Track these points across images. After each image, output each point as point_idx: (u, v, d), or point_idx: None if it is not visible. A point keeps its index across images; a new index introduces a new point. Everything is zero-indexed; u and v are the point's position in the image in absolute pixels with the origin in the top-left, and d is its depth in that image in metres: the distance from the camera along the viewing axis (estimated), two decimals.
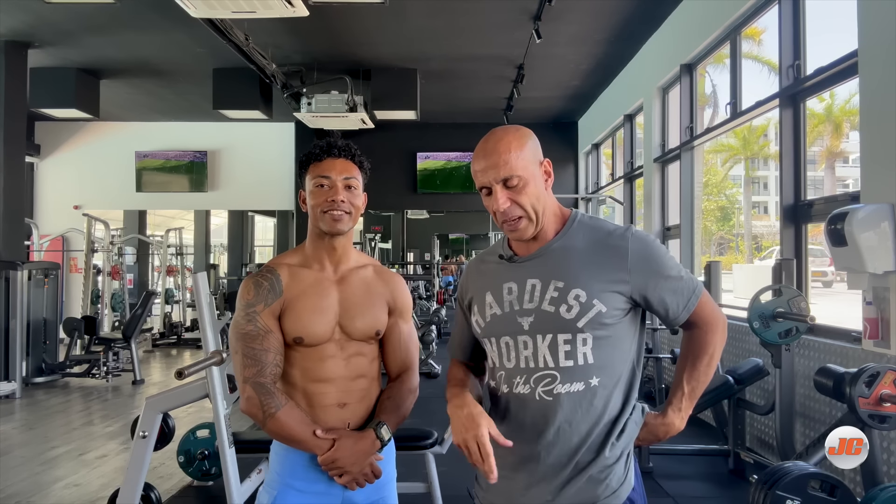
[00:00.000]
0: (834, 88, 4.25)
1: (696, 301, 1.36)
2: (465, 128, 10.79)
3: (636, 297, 1.34)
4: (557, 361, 1.32)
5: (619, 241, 1.34)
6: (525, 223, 1.34)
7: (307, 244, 1.64)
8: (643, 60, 7.27)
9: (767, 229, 29.38)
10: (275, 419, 1.50)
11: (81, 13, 6.21)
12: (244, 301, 1.56)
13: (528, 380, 1.34)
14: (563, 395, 1.32)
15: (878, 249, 2.99)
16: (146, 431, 2.78)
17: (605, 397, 1.33)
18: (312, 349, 1.56)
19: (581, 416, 1.32)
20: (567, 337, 1.31)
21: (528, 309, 1.34)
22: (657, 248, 1.36)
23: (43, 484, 4.02)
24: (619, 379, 1.35)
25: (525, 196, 1.32)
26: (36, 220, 10.65)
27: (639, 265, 1.32)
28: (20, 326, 6.78)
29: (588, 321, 1.30)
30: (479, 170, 1.35)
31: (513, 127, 1.38)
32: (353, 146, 1.65)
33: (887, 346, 3.05)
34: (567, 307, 1.31)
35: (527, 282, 1.36)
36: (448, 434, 3.32)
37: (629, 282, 1.32)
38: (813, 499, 2.41)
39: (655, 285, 1.33)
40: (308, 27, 6.26)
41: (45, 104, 7.89)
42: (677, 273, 1.36)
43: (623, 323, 1.34)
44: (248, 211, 14.89)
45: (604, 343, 1.32)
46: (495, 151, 1.33)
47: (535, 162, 1.35)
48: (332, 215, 1.57)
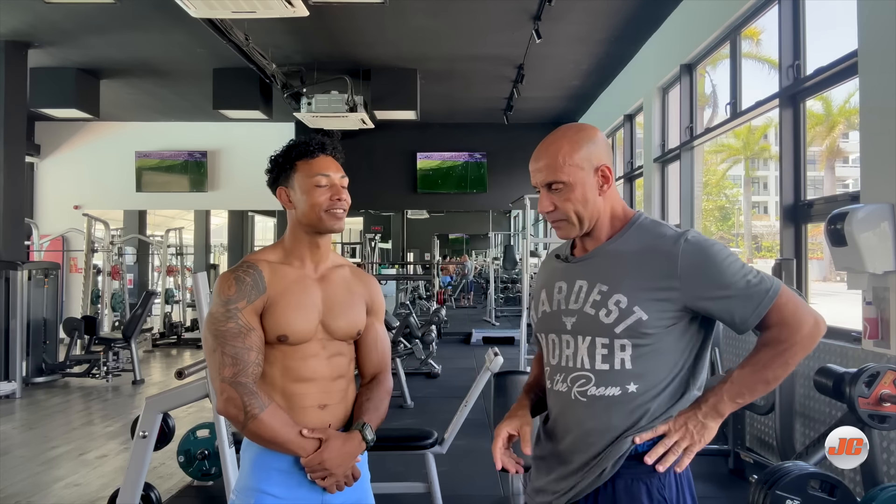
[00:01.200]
0: (834, 88, 4.24)
1: (770, 304, 1.24)
2: (465, 128, 10.80)
3: (692, 305, 1.26)
4: (594, 364, 1.30)
5: (670, 246, 1.27)
6: (566, 225, 1.34)
7: (287, 241, 1.61)
8: (643, 60, 7.27)
9: (767, 229, 29.38)
10: (259, 421, 1.45)
11: (81, 13, 6.21)
12: (224, 297, 1.50)
13: (566, 378, 1.34)
14: (596, 397, 1.30)
15: (878, 249, 2.99)
16: (146, 431, 2.78)
17: (644, 406, 1.28)
18: (295, 348, 1.53)
19: (615, 421, 1.28)
20: (605, 341, 1.29)
21: (573, 309, 1.34)
22: (715, 252, 1.26)
23: (43, 484, 4.02)
24: (663, 390, 1.29)
25: (569, 202, 1.31)
26: (36, 220, 10.65)
27: (691, 273, 1.25)
28: (20, 326, 6.78)
29: (626, 328, 1.26)
30: (531, 170, 1.37)
31: (574, 127, 1.36)
32: (338, 143, 1.63)
33: (887, 346, 3.05)
34: (607, 312, 1.28)
35: (575, 282, 1.35)
36: (448, 434, 3.32)
37: (679, 289, 1.25)
38: (813, 499, 2.41)
39: (715, 292, 1.24)
40: (308, 27, 6.26)
41: (45, 104, 7.88)
42: (741, 278, 1.25)
43: (670, 333, 1.28)
44: (248, 211, 14.88)
45: (644, 351, 1.27)
46: (546, 154, 1.33)
47: (589, 167, 1.32)
48: (336, 214, 1.55)
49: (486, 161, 10.86)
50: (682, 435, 1.26)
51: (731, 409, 1.27)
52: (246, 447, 1.55)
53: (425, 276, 14.09)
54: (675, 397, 1.30)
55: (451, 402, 3.66)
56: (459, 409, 3.38)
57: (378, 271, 13.05)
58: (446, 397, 5.88)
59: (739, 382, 1.26)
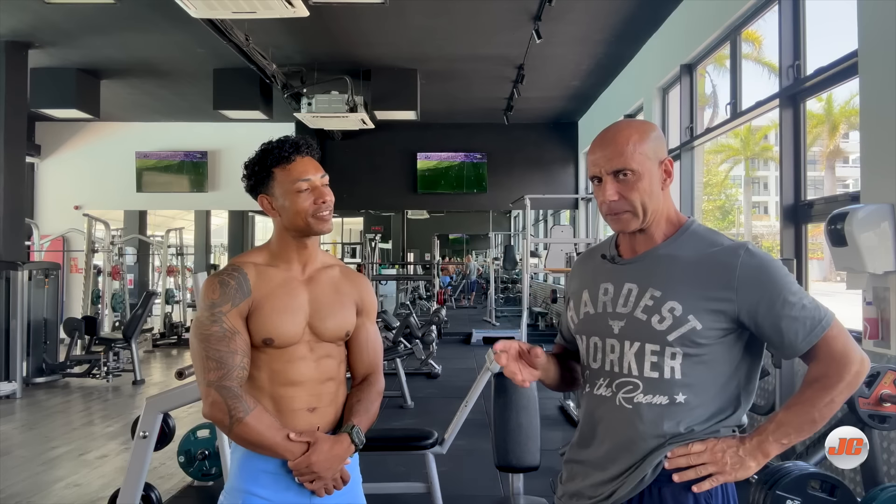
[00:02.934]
0: (834, 88, 4.24)
1: (822, 333, 1.20)
2: (465, 128, 10.80)
3: (745, 319, 1.22)
4: (642, 371, 1.26)
5: (729, 256, 1.23)
6: (629, 217, 1.28)
7: (274, 243, 1.59)
8: (643, 60, 7.27)
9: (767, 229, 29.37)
10: (244, 424, 1.43)
11: (81, 13, 6.21)
12: (209, 300, 1.49)
13: (611, 384, 1.30)
14: (643, 405, 1.26)
15: (878, 249, 2.99)
16: (146, 431, 2.78)
17: (692, 417, 1.25)
18: (282, 351, 1.51)
19: (661, 431, 1.25)
20: (655, 348, 1.25)
21: (621, 313, 1.29)
22: (774, 268, 1.23)
23: (43, 484, 4.02)
24: (711, 400, 1.26)
25: (636, 192, 1.26)
26: (36, 221, 10.65)
27: (748, 284, 1.21)
28: (20, 326, 6.79)
29: (679, 336, 1.23)
30: (593, 159, 1.30)
31: (639, 120, 1.34)
32: (312, 142, 1.58)
33: (887, 346, 3.05)
34: (660, 318, 1.24)
35: (624, 285, 1.30)
36: (448, 434, 3.32)
37: (734, 301, 1.22)
38: (813, 499, 2.41)
39: (769, 309, 1.21)
40: (308, 27, 6.26)
41: (45, 104, 7.89)
42: (798, 299, 1.21)
43: (723, 344, 1.25)
44: (248, 211, 14.88)
45: (696, 361, 1.24)
46: (613, 142, 1.28)
47: (655, 158, 1.28)
48: (323, 217, 1.53)
49: (486, 161, 10.86)
50: (712, 459, 1.22)
51: (778, 450, 1.23)
52: (234, 448, 1.54)
53: (425, 276, 14.09)
54: (725, 413, 1.27)
55: (451, 403, 3.67)
56: (459, 409, 3.38)
57: (378, 271, 13.05)
58: (446, 397, 5.87)
59: (786, 423, 1.23)
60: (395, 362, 6.10)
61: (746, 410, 1.31)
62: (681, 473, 1.23)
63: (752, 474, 1.25)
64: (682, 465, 1.23)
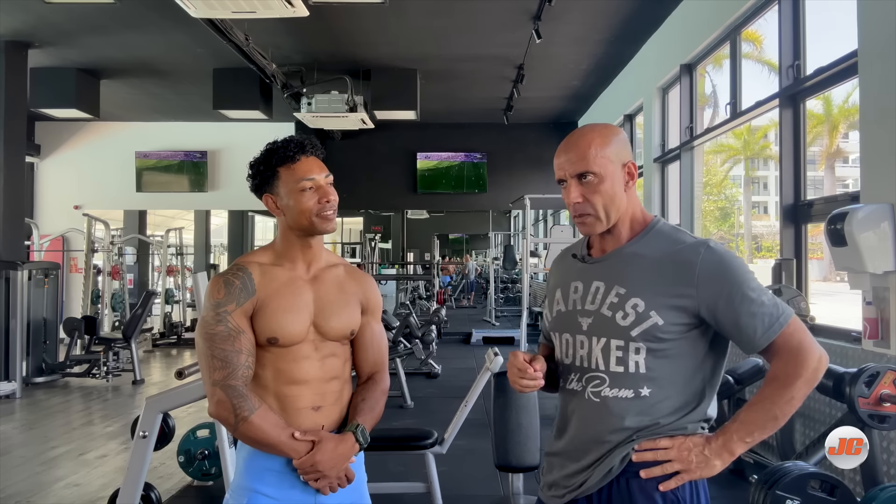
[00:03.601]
0: (834, 88, 4.25)
1: (781, 328, 1.24)
2: (465, 128, 10.80)
3: (705, 314, 1.27)
4: (608, 365, 1.31)
5: (690, 254, 1.28)
6: (593, 220, 1.34)
7: (278, 243, 1.60)
8: (643, 60, 7.27)
9: (767, 229, 29.37)
10: (249, 423, 1.44)
11: (81, 13, 6.21)
12: (213, 300, 1.50)
13: (581, 378, 1.35)
14: (610, 398, 1.31)
15: (878, 249, 2.99)
16: (146, 431, 2.78)
17: (658, 411, 1.29)
18: (286, 350, 1.52)
19: (626, 423, 1.29)
20: (620, 343, 1.30)
21: (589, 310, 1.35)
22: (734, 265, 1.27)
23: (43, 484, 4.02)
24: (676, 394, 1.30)
25: (598, 194, 1.32)
26: (36, 220, 10.65)
27: (708, 281, 1.25)
28: (20, 326, 6.78)
29: (642, 332, 1.27)
30: (558, 163, 1.36)
31: (601, 125, 1.37)
32: (317, 142, 1.59)
33: (887, 346, 3.05)
34: (623, 314, 1.29)
35: (592, 283, 1.36)
36: (448, 434, 3.32)
37: (695, 297, 1.26)
38: (813, 499, 2.41)
39: (727, 304, 1.25)
40: (308, 27, 6.26)
41: (45, 104, 7.88)
42: (757, 295, 1.25)
43: (686, 339, 1.29)
44: (248, 211, 14.88)
45: (659, 355, 1.28)
46: (576, 146, 1.33)
47: (618, 161, 1.33)
48: (327, 216, 1.54)
49: (486, 161, 10.86)
50: (678, 457, 1.27)
51: (743, 448, 1.27)
52: (240, 447, 1.55)
53: (425, 276, 14.08)
54: (689, 406, 1.31)
55: (451, 402, 3.67)
56: (459, 409, 3.38)
57: (378, 271, 13.05)
58: (446, 397, 5.87)
59: (749, 421, 1.26)
60: (395, 362, 6.09)
61: (711, 403, 1.34)
62: (647, 470, 1.27)
63: (718, 472, 1.28)
64: (649, 458, 1.27)
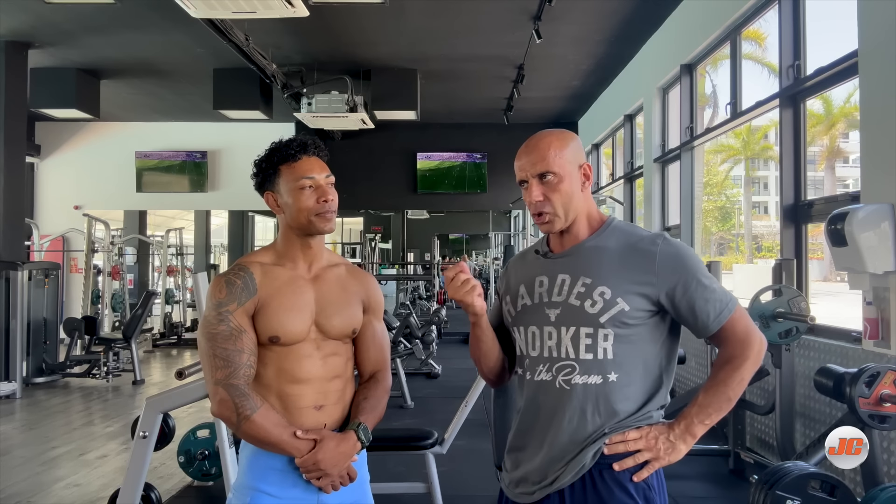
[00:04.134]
0: (834, 88, 4.24)
1: (730, 314, 1.35)
2: (465, 128, 10.80)
3: (663, 301, 1.36)
4: (578, 353, 1.37)
5: (649, 245, 1.38)
6: (552, 217, 1.41)
7: (279, 242, 1.61)
8: (643, 60, 7.27)
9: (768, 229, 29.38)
10: (251, 422, 1.45)
11: (81, 13, 6.21)
12: (215, 300, 1.51)
13: (551, 368, 1.40)
14: (579, 385, 1.37)
15: (878, 249, 2.99)
16: (146, 431, 2.78)
17: (623, 395, 1.36)
18: (288, 349, 1.53)
19: (597, 408, 1.36)
20: (589, 331, 1.36)
21: (556, 301, 1.40)
22: (688, 256, 1.38)
23: (43, 484, 4.02)
24: (639, 379, 1.38)
25: (557, 193, 1.40)
26: (36, 220, 10.65)
27: (667, 269, 1.35)
28: (20, 326, 6.78)
29: (610, 318, 1.35)
30: (520, 164, 1.43)
31: (559, 130, 1.47)
32: (319, 142, 1.61)
33: (887, 346, 3.05)
34: (592, 302, 1.36)
35: (558, 276, 1.42)
36: (448, 434, 3.32)
37: (656, 284, 1.35)
38: (813, 499, 2.41)
39: (684, 291, 1.35)
40: (308, 27, 6.26)
41: (45, 104, 7.88)
42: (710, 282, 1.36)
43: (647, 325, 1.37)
44: (249, 211, 14.88)
45: (625, 341, 1.36)
46: (536, 148, 1.42)
47: (574, 163, 1.43)
48: (325, 216, 1.55)
49: (486, 161, 10.86)
50: (647, 446, 1.35)
51: (702, 430, 1.36)
52: (244, 446, 1.55)
53: (425, 276, 14.08)
54: (652, 391, 1.39)
55: (451, 402, 3.67)
56: (459, 409, 3.38)
57: (378, 271, 13.05)
58: (446, 397, 5.87)
59: (707, 404, 1.35)
60: (395, 362, 6.09)
61: (668, 389, 1.42)
62: (620, 462, 1.34)
63: (683, 455, 1.37)
64: (621, 450, 1.34)
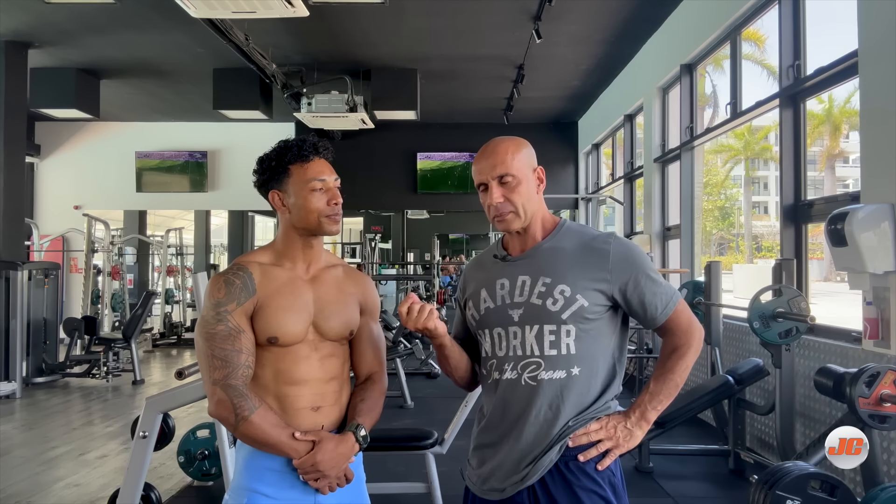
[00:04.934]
0: (834, 88, 4.25)
1: (674, 307, 1.46)
2: (465, 128, 10.80)
3: (616, 296, 1.45)
4: (542, 350, 1.44)
5: (602, 244, 1.47)
6: (512, 216, 1.48)
7: (279, 242, 1.60)
8: (643, 60, 7.27)
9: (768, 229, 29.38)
10: (249, 422, 1.45)
11: (81, 13, 6.21)
12: (214, 300, 1.50)
13: (516, 366, 1.46)
14: (545, 381, 1.44)
15: (878, 249, 2.99)
16: (146, 431, 2.78)
17: (585, 387, 1.45)
18: (286, 350, 1.53)
19: (562, 401, 1.43)
20: (552, 328, 1.44)
21: (519, 302, 1.47)
22: (638, 253, 1.48)
23: (43, 484, 4.02)
24: (598, 371, 1.46)
25: (517, 194, 1.47)
26: (36, 220, 10.65)
27: (619, 266, 1.45)
28: (20, 326, 6.78)
29: (571, 314, 1.43)
30: (479, 169, 1.50)
31: (512, 137, 1.54)
32: (329, 145, 1.62)
33: (887, 346, 3.05)
34: (553, 300, 1.43)
35: (518, 277, 1.49)
36: (448, 434, 3.32)
37: (610, 280, 1.44)
38: (813, 499, 2.41)
39: (635, 286, 1.44)
40: (308, 27, 6.26)
41: (45, 104, 7.88)
42: (657, 277, 1.47)
43: (604, 319, 1.46)
44: (248, 211, 14.88)
45: (585, 336, 1.44)
46: (494, 153, 1.49)
47: (530, 167, 1.51)
48: (334, 218, 1.56)
49: None
50: (607, 436, 1.44)
51: (655, 416, 1.46)
52: (240, 447, 1.55)
53: (425, 276, 14.07)
54: (607, 382, 1.47)
55: (451, 402, 3.67)
56: (459, 409, 3.38)
57: (378, 271, 13.05)
58: (446, 397, 5.87)
59: (657, 392, 1.46)
60: (395, 362, 6.10)
61: (622, 379, 1.51)
62: (584, 453, 1.42)
63: (639, 441, 1.47)
64: (584, 442, 1.43)
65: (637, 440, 1.46)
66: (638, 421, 1.45)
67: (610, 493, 1.42)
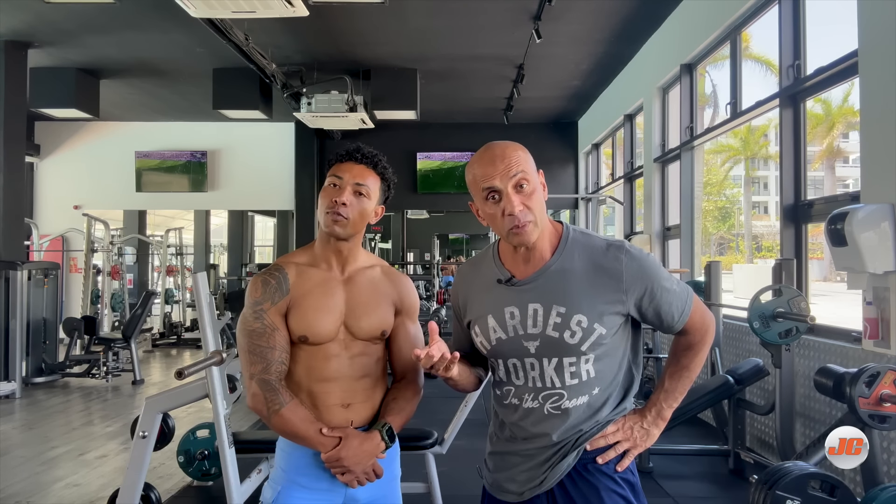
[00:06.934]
0: (834, 88, 4.25)
1: (690, 310, 1.43)
2: (465, 128, 10.80)
3: (632, 312, 1.40)
4: (564, 381, 1.39)
5: (612, 262, 1.38)
6: (532, 227, 1.35)
7: (317, 244, 1.65)
8: (643, 60, 7.27)
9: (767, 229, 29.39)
10: (279, 416, 1.52)
11: (81, 13, 6.21)
12: (252, 299, 1.58)
13: (537, 397, 1.41)
14: (570, 408, 1.40)
15: (878, 249, 2.99)
16: (146, 431, 2.78)
17: (604, 401, 1.42)
18: (317, 348, 1.57)
19: (585, 420, 1.41)
20: (572, 360, 1.38)
21: (533, 334, 1.38)
22: (650, 264, 1.40)
23: (43, 484, 4.02)
24: (616, 381, 1.43)
25: (534, 201, 1.35)
26: (36, 220, 10.65)
27: (633, 283, 1.38)
28: (20, 326, 6.77)
29: (591, 344, 1.37)
30: (485, 174, 1.34)
31: (510, 142, 1.40)
32: (378, 156, 1.62)
33: (887, 346, 3.05)
34: (570, 333, 1.36)
35: (528, 306, 1.39)
36: (448, 434, 3.32)
37: (625, 301, 1.38)
38: (813, 499, 2.41)
39: (651, 299, 1.39)
40: (308, 27, 6.26)
41: (45, 104, 7.88)
42: (671, 285, 1.41)
43: (617, 335, 1.41)
44: (248, 211, 14.88)
45: (602, 356, 1.40)
46: (504, 157, 1.34)
47: (536, 172, 1.40)
48: (333, 217, 1.56)
49: None
50: (625, 437, 1.42)
51: (671, 413, 1.46)
52: (280, 439, 1.63)
53: (425, 276, 14.07)
54: (627, 386, 1.45)
55: (451, 402, 3.67)
56: (459, 409, 3.38)
57: None
58: (446, 397, 5.84)
59: (672, 389, 1.45)
60: None
61: (640, 377, 1.49)
62: (603, 455, 1.41)
63: (656, 439, 1.46)
64: (602, 444, 1.41)
65: (654, 439, 1.45)
66: (655, 420, 1.44)
67: (630, 493, 1.41)
